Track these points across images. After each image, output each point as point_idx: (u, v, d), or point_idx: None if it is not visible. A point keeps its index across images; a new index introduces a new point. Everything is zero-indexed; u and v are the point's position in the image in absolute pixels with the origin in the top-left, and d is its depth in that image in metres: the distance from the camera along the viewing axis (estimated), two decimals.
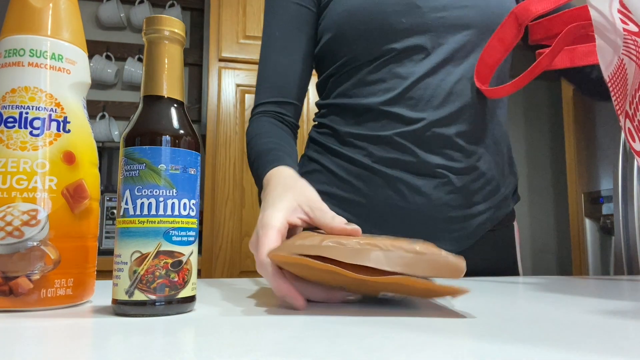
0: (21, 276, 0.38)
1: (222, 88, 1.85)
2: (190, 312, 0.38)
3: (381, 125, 0.70)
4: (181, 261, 0.37)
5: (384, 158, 0.70)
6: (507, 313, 0.38)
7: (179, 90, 0.40)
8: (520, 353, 0.25)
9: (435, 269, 0.37)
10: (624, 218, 2.13)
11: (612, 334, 0.30)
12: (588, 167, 2.47)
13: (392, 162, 0.70)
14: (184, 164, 0.38)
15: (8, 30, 0.42)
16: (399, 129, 0.69)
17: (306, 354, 0.25)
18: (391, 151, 0.69)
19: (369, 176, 0.71)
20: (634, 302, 0.45)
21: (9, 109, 0.40)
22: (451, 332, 0.31)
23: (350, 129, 0.73)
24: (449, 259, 0.37)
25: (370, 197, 0.71)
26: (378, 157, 0.70)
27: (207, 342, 0.28)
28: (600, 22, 0.49)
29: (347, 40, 0.72)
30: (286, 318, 0.36)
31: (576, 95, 2.55)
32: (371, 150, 0.70)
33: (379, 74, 0.71)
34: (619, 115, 0.52)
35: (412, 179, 0.69)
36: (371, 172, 0.70)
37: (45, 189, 0.40)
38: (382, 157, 0.70)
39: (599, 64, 0.52)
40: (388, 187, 0.70)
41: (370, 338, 0.29)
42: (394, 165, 0.70)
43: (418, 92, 0.69)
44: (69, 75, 0.43)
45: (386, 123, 0.70)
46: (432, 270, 0.37)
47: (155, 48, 0.39)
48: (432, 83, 0.69)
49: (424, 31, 0.70)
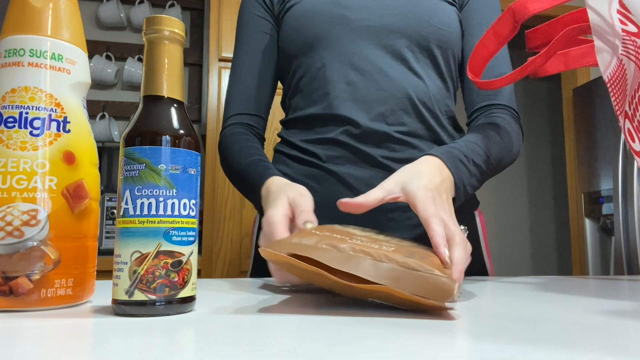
0: (21, 276, 0.38)
1: (222, 88, 1.85)
2: (190, 312, 0.38)
3: (326, 129, 0.76)
4: (181, 261, 0.37)
5: (332, 156, 0.75)
6: (507, 313, 0.38)
7: (179, 90, 0.40)
8: (520, 353, 0.25)
9: (422, 288, 0.36)
10: (624, 218, 2.13)
11: (612, 334, 0.30)
12: (588, 167, 2.47)
13: (339, 159, 0.75)
14: (184, 164, 0.38)
15: (8, 30, 0.42)
16: (341, 129, 0.75)
17: (306, 354, 0.25)
18: (337, 149, 0.75)
19: (321, 175, 0.75)
20: (634, 302, 0.45)
21: (9, 109, 0.40)
22: (451, 332, 0.31)
23: (303, 136, 0.79)
24: (439, 280, 0.36)
25: (324, 195, 0.74)
26: (327, 157, 0.75)
27: (207, 342, 0.28)
28: (598, 23, 0.50)
29: (291, 57, 0.81)
30: (286, 318, 0.36)
31: (576, 95, 2.56)
32: (320, 151, 0.76)
33: (316, 83, 0.78)
34: (618, 115, 0.52)
35: (359, 172, 0.74)
36: (323, 171, 0.75)
37: (45, 189, 0.40)
38: (329, 156, 0.75)
39: (598, 65, 0.52)
40: (339, 183, 0.74)
41: (370, 338, 0.29)
42: (341, 162, 0.75)
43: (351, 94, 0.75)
44: (69, 75, 0.43)
45: (331, 126, 0.76)
46: (419, 288, 0.36)
47: (155, 48, 0.39)
48: (364, 85, 0.75)
49: (353, 38, 0.76)
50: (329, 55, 0.76)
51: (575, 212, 2.59)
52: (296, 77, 0.81)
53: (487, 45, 0.69)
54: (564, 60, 0.71)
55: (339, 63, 0.76)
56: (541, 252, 3.55)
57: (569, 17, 0.65)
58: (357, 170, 0.74)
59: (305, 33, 0.78)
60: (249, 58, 0.85)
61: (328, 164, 0.75)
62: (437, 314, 0.38)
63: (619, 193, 2.14)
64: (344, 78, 0.76)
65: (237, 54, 0.86)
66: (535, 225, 3.56)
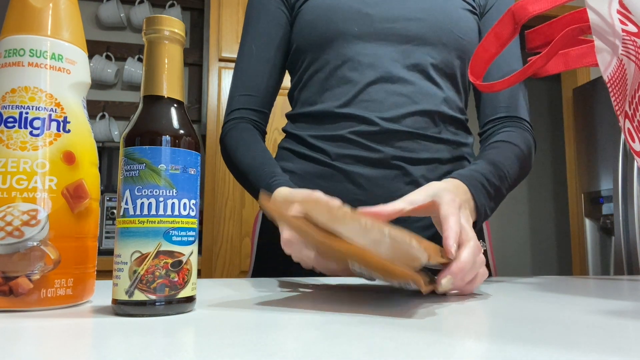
0: (21, 276, 0.38)
1: (222, 88, 1.85)
2: (190, 312, 0.38)
3: (337, 126, 0.75)
4: (181, 261, 0.37)
5: (341, 155, 0.74)
6: (507, 313, 0.38)
7: (179, 90, 0.40)
8: (520, 353, 0.25)
9: (396, 253, 0.39)
10: (624, 218, 2.12)
11: (612, 334, 0.30)
12: (588, 167, 2.47)
13: (349, 158, 0.74)
14: (184, 164, 0.38)
15: (8, 30, 0.42)
16: (353, 127, 0.74)
17: (306, 354, 0.25)
18: (347, 147, 0.74)
19: (330, 173, 0.74)
20: (634, 302, 0.45)
21: (9, 109, 0.40)
22: (451, 332, 0.31)
23: (312, 132, 0.77)
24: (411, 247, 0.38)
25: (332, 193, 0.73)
26: (336, 155, 0.74)
27: (207, 342, 0.28)
28: (598, 23, 0.50)
29: (306, 50, 0.78)
30: (286, 318, 0.36)
31: (576, 95, 2.55)
32: (330, 149, 0.75)
33: (333, 80, 0.76)
34: (618, 115, 0.52)
35: (370, 171, 0.73)
36: (332, 169, 0.74)
37: (45, 189, 0.40)
38: (339, 154, 0.74)
39: (598, 65, 0.52)
40: (348, 182, 0.73)
41: (370, 338, 0.29)
42: (351, 161, 0.73)
43: (368, 95, 0.74)
44: (69, 75, 0.43)
45: (342, 124, 0.75)
46: (394, 253, 0.39)
47: (155, 48, 0.39)
48: (382, 88, 0.74)
49: (374, 39, 0.75)
50: (348, 53, 0.75)
51: (575, 212, 2.59)
52: (310, 71, 0.79)
53: (488, 48, 0.69)
54: (564, 60, 0.71)
55: (358, 63, 0.75)
56: (541, 252, 3.55)
57: (569, 17, 0.65)
58: (366, 169, 0.73)
59: (323, 27, 0.76)
60: (257, 48, 0.82)
61: (337, 162, 0.74)
62: (437, 314, 0.38)
63: (619, 193, 2.14)
64: (363, 78, 0.74)
65: (244, 41, 0.83)
66: (535, 225, 3.56)
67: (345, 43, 0.75)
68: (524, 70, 0.64)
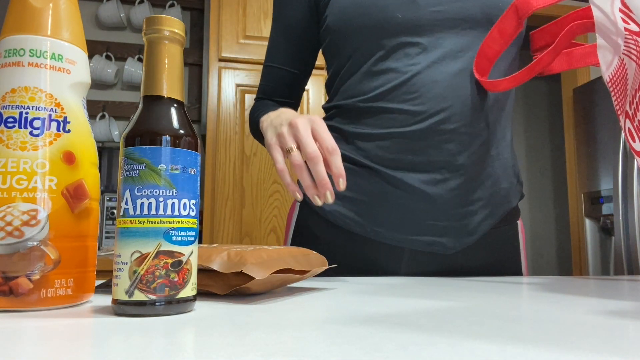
0: (21, 276, 0.38)
1: (222, 88, 1.85)
2: (190, 312, 0.38)
3: (381, 122, 0.71)
4: (181, 261, 0.37)
5: (384, 158, 0.70)
6: (508, 313, 0.38)
7: (179, 90, 0.40)
8: (520, 353, 0.25)
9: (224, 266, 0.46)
10: (624, 218, 2.12)
11: (612, 334, 0.30)
12: (588, 167, 2.47)
13: (391, 161, 0.70)
14: (184, 164, 0.38)
15: (8, 30, 0.42)
16: (398, 126, 0.69)
17: (306, 354, 0.25)
18: (391, 149, 0.70)
19: (370, 174, 0.72)
20: (634, 302, 0.45)
21: (9, 109, 0.40)
22: (451, 332, 0.31)
23: (352, 128, 0.74)
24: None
25: (371, 194, 0.71)
26: (379, 157, 0.71)
27: (207, 342, 0.28)
28: (602, 21, 0.49)
29: (345, 38, 0.73)
30: (286, 318, 0.36)
31: (576, 95, 2.55)
32: (371, 150, 0.71)
33: (376, 70, 0.71)
34: (619, 115, 0.52)
35: (413, 176, 0.69)
36: (372, 171, 0.71)
37: (45, 189, 0.40)
38: (382, 157, 0.71)
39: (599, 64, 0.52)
40: (389, 185, 0.70)
41: (370, 338, 0.29)
42: (393, 164, 0.70)
43: (415, 87, 0.69)
44: (69, 75, 0.43)
45: (386, 119, 0.70)
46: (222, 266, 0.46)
47: (155, 48, 0.39)
48: (430, 78, 0.69)
49: (419, 26, 0.70)
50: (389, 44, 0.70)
51: (575, 212, 2.59)
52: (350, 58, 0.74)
53: (492, 45, 0.69)
54: (567, 60, 0.71)
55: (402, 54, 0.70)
56: (541, 252, 3.55)
57: (574, 15, 0.65)
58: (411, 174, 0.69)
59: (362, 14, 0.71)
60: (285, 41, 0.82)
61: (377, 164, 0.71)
62: (437, 314, 0.38)
63: (619, 193, 2.14)
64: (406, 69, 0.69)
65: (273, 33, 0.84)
66: (536, 225, 3.56)
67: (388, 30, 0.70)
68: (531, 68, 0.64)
